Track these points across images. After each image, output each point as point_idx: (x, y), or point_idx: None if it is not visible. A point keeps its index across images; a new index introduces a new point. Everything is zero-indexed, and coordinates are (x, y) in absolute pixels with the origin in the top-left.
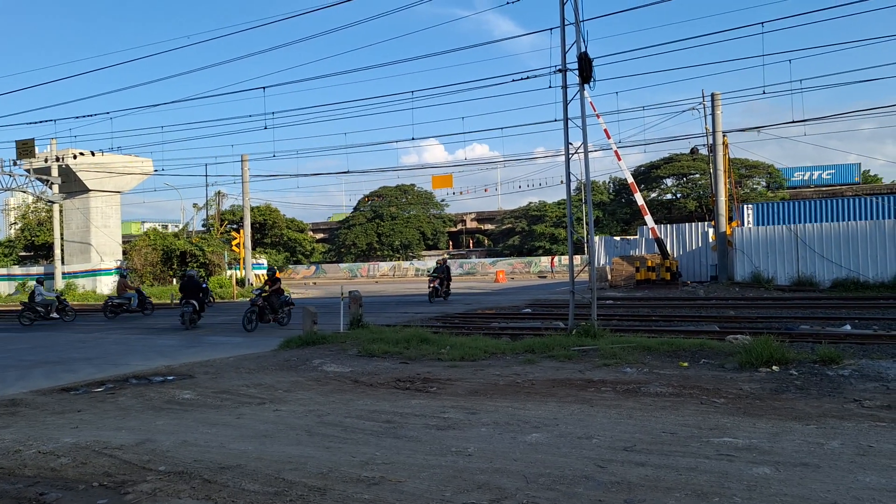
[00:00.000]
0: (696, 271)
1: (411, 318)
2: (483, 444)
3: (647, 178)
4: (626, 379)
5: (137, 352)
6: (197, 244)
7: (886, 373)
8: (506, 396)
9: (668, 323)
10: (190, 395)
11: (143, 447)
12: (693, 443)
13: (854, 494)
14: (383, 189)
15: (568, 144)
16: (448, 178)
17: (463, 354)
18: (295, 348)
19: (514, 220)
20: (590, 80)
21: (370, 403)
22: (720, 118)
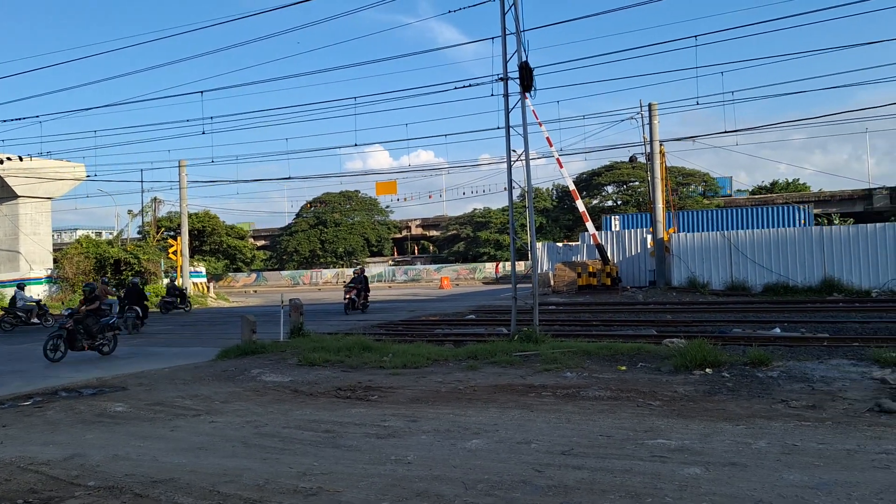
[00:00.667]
0: (635, 276)
1: (354, 326)
2: (423, 452)
3: (589, 185)
4: (566, 383)
5: (68, 363)
6: (132, 252)
7: (812, 374)
8: (447, 403)
9: (607, 327)
10: (122, 407)
11: (72, 462)
12: (628, 445)
13: (779, 492)
14: (326, 195)
15: (510, 152)
16: (392, 184)
17: (405, 362)
18: (233, 358)
19: (458, 226)
20: (531, 88)
21: (310, 413)
22: (657, 127)
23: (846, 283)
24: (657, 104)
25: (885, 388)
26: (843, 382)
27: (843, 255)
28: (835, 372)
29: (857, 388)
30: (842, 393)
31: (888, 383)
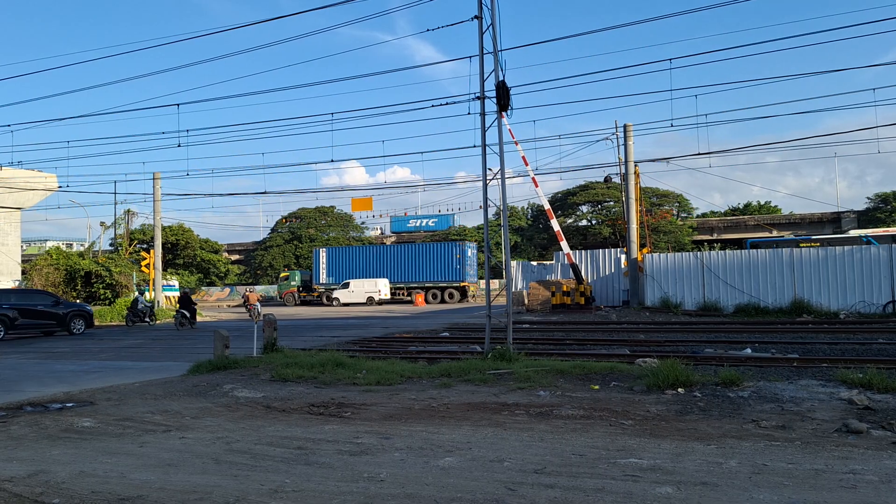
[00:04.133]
0: (609, 296)
1: (328, 342)
2: (396, 470)
3: (564, 204)
4: (539, 402)
5: (34, 377)
6: (103, 264)
7: (782, 394)
8: (421, 420)
9: (581, 346)
10: (90, 422)
11: (37, 479)
12: (601, 464)
13: None
14: (302, 210)
15: (486, 170)
16: (368, 200)
17: (379, 379)
18: (205, 373)
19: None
20: (507, 108)
21: (282, 429)
22: (632, 148)
23: (815, 304)
24: (632, 125)
25: (853, 409)
26: (812, 403)
27: (813, 278)
28: (804, 392)
29: (825, 408)
30: (811, 413)
31: (855, 404)
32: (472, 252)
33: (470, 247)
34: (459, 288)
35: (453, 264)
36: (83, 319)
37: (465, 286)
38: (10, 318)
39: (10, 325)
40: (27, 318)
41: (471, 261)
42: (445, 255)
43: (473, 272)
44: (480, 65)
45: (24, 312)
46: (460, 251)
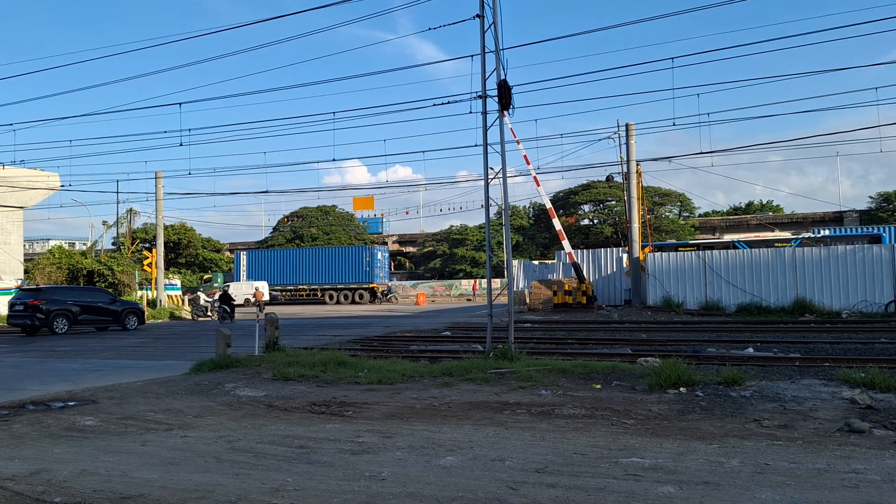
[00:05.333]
0: (611, 295)
1: (329, 341)
2: (397, 469)
3: (566, 203)
4: (541, 401)
5: (36, 376)
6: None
7: (784, 393)
8: (422, 420)
9: (583, 346)
10: (92, 421)
11: (38, 477)
12: (603, 463)
13: None
14: (304, 210)
15: (487, 170)
16: (370, 199)
17: (381, 378)
18: (207, 372)
19: (435, 243)
20: (509, 107)
21: (284, 428)
22: (634, 147)
23: (818, 304)
24: (634, 124)
25: (855, 408)
26: (814, 402)
27: (815, 277)
28: (806, 392)
29: (827, 407)
30: (813, 412)
31: (857, 403)
32: (383, 255)
33: (380, 250)
34: (369, 289)
35: (363, 267)
36: (136, 316)
37: (375, 287)
38: (74, 314)
39: (73, 319)
40: (88, 314)
41: (381, 263)
42: (356, 259)
43: (384, 274)
44: (482, 63)
45: (85, 308)
46: (369, 254)
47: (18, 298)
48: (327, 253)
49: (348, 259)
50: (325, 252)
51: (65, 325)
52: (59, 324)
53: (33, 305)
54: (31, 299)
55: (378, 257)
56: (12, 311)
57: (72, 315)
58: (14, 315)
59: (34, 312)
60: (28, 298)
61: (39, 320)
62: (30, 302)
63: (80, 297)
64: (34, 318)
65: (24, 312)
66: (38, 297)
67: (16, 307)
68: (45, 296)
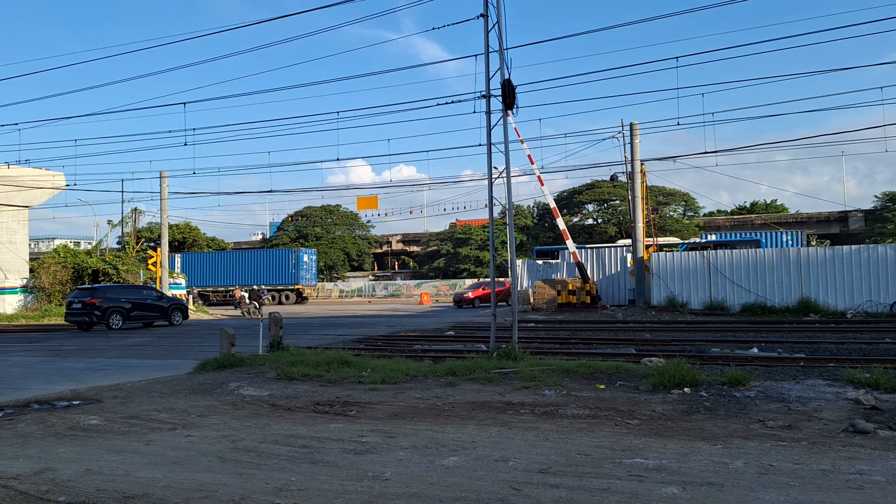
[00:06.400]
0: (615, 295)
1: (333, 341)
2: (401, 469)
3: (570, 203)
4: (545, 401)
5: (40, 375)
6: (111, 262)
7: (788, 394)
8: (426, 419)
9: (587, 346)
10: (96, 420)
11: (43, 476)
12: (606, 464)
13: None
14: (308, 209)
15: (491, 169)
16: (373, 199)
17: (384, 377)
18: (211, 371)
19: (439, 242)
20: (513, 106)
21: (287, 428)
22: (638, 147)
23: (822, 304)
24: (638, 124)
25: (860, 409)
26: (819, 403)
27: (820, 277)
28: (811, 392)
29: (832, 408)
30: (817, 413)
31: (862, 404)
32: (310, 258)
33: (306, 252)
34: (294, 290)
35: (288, 269)
36: (181, 312)
37: (301, 289)
38: (127, 310)
39: (126, 315)
40: (139, 311)
41: (307, 265)
42: (281, 261)
43: (311, 276)
44: (486, 63)
45: (136, 305)
46: (295, 257)
47: (76, 297)
48: (255, 256)
49: (275, 262)
50: (253, 255)
51: (119, 321)
52: (114, 320)
53: (91, 304)
54: (88, 298)
55: (304, 260)
56: (70, 309)
57: (125, 312)
58: (72, 312)
59: (92, 310)
60: (85, 297)
61: (96, 317)
62: (87, 300)
63: (131, 295)
64: (92, 315)
65: (83, 310)
66: (94, 295)
67: (74, 305)
68: (101, 294)
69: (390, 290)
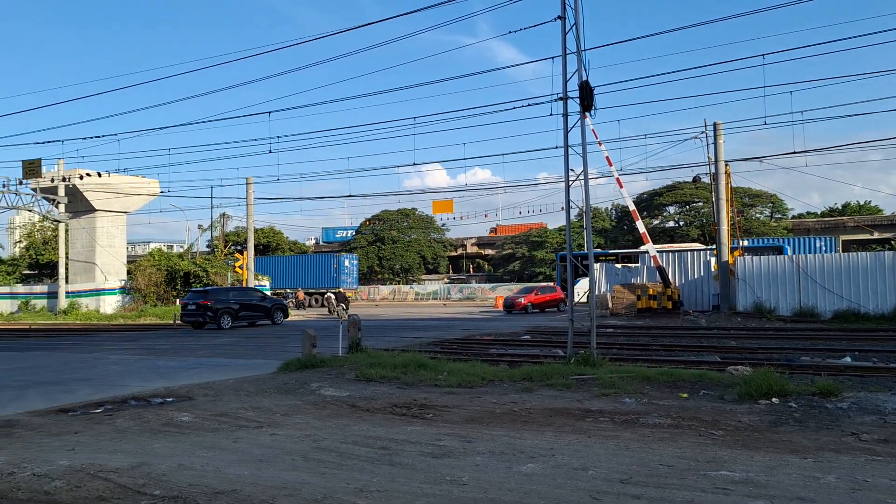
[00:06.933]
0: (697, 300)
1: (410, 343)
2: (478, 474)
3: (650, 205)
4: (625, 409)
5: (137, 373)
6: (201, 265)
7: (884, 406)
8: (502, 425)
9: (668, 353)
10: (188, 417)
11: (139, 470)
12: (690, 476)
13: None
14: (385, 213)
15: (568, 171)
16: (449, 202)
17: (460, 381)
18: (294, 371)
19: (514, 245)
20: (591, 108)
21: (366, 429)
22: (722, 147)
23: None
24: (722, 123)
25: None
26: None
27: None
28: None
29: None
30: None
31: None
32: (351, 262)
33: (347, 258)
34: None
35: (330, 273)
36: (282, 312)
37: (342, 292)
38: (235, 311)
39: (235, 316)
40: (245, 311)
41: (349, 269)
42: (325, 265)
43: (352, 280)
44: (563, 65)
45: (243, 306)
46: (336, 262)
47: (191, 299)
48: (302, 260)
49: (319, 266)
50: (301, 259)
51: (228, 321)
52: (224, 320)
53: (204, 305)
54: (201, 299)
55: (345, 264)
56: (185, 310)
57: (233, 312)
58: (187, 313)
59: (205, 311)
60: (199, 299)
61: (209, 317)
62: (201, 302)
63: (238, 297)
64: (205, 316)
65: (197, 311)
66: (206, 297)
67: (188, 307)
68: (212, 296)
69: (465, 293)
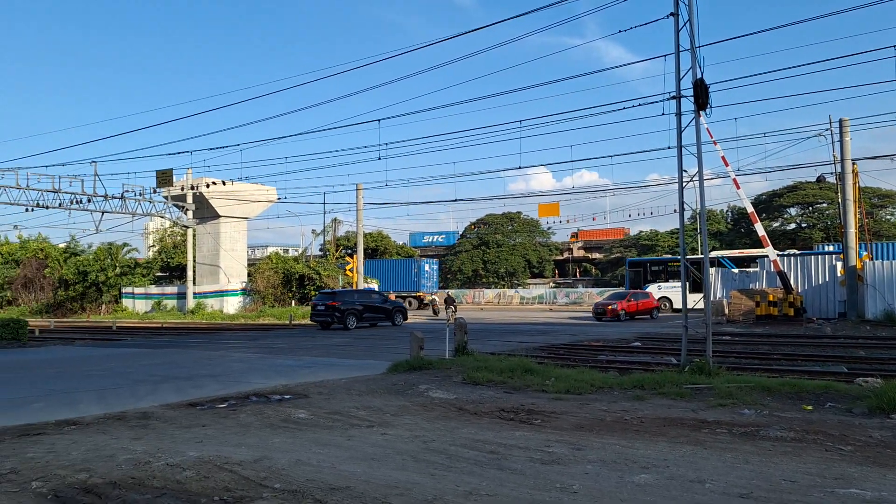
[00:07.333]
0: (822, 307)
1: (515, 348)
2: (589, 482)
3: (769, 206)
4: (743, 421)
5: (258, 370)
6: (314, 268)
7: None
8: (613, 433)
9: (790, 362)
10: (304, 414)
11: (261, 464)
12: (815, 492)
13: None
14: (490, 216)
15: (682, 172)
16: (555, 206)
17: (568, 387)
18: (402, 372)
19: (623, 249)
20: (706, 106)
21: (474, 432)
22: (849, 145)
23: None
24: (849, 120)
25: None
26: None
27: None
28: None
29: None
30: None
31: None
32: (431, 267)
33: (427, 262)
34: (416, 297)
35: (411, 277)
36: (401, 314)
37: (422, 296)
38: (360, 312)
39: (359, 317)
40: (369, 312)
41: (429, 274)
42: (405, 270)
43: (432, 284)
44: (676, 63)
45: (367, 308)
46: (417, 266)
47: (320, 300)
48: (386, 265)
49: (400, 270)
50: (385, 264)
51: (354, 321)
52: (351, 321)
53: (332, 306)
54: (330, 301)
55: (425, 269)
56: (315, 310)
57: (358, 313)
58: (317, 314)
59: (333, 311)
60: (328, 300)
61: (336, 318)
62: (329, 303)
63: (362, 299)
64: (333, 316)
65: (325, 311)
66: (334, 298)
67: (318, 307)
68: (340, 298)
69: (572, 297)
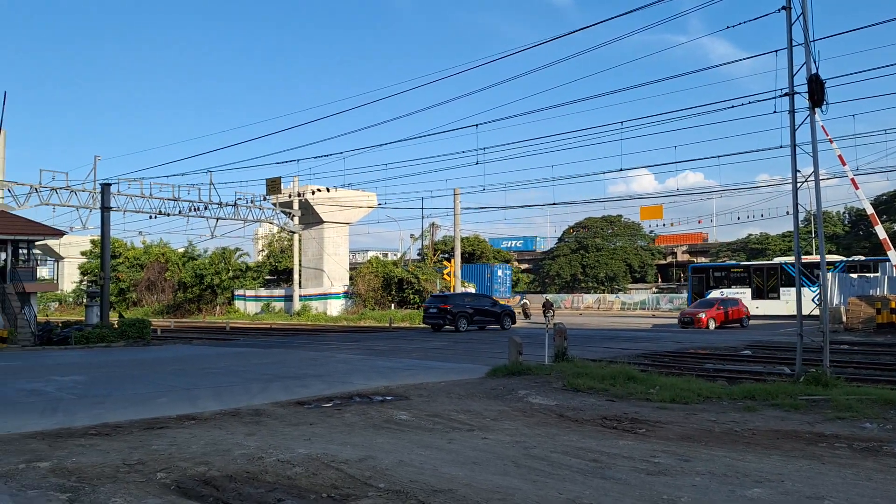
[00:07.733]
0: None
1: (617, 355)
2: (697, 495)
3: (891, 208)
4: (865, 435)
5: (360, 371)
6: (413, 272)
7: None
8: (722, 445)
9: None
10: (406, 416)
11: (365, 463)
12: None
13: None
14: (589, 220)
15: (796, 173)
16: (658, 209)
17: (673, 396)
18: (501, 377)
19: (731, 253)
20: (821, 103)
21: (576, 440)
22: None
23: None
24: None
25: None
26: None
27: None
28: None
29: None
30: None
31: None
32: (504, 272)
33: (500, 268)
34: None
35: (484, 282)
36: (510, 318)
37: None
38: (470, 315)
39: (470, 320)
40: (479, 315)
41: (502, 279)
42: (479, 275)
43: (505, 289)
44: (789, 58)
45: (477, 311)
46: (490, 271)
47: (432, 303)
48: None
49: (474, 275)
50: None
51: (465, 324)
52: (462, 323)
53: (444, 309)
54: (441, 303)
55: (498, 274)
56: (427, 312)
57: (468, 316)
58: (429, 316)
59: (445, 314)
60: (440, 303)
61: (448, 320)
62: (441, 306)
63: (473, 303)
64: (444, 319)
65: (437, 314)
66: (446, 302)
67: (430, 310)
68: (451, 301)
69: (675, 303)
